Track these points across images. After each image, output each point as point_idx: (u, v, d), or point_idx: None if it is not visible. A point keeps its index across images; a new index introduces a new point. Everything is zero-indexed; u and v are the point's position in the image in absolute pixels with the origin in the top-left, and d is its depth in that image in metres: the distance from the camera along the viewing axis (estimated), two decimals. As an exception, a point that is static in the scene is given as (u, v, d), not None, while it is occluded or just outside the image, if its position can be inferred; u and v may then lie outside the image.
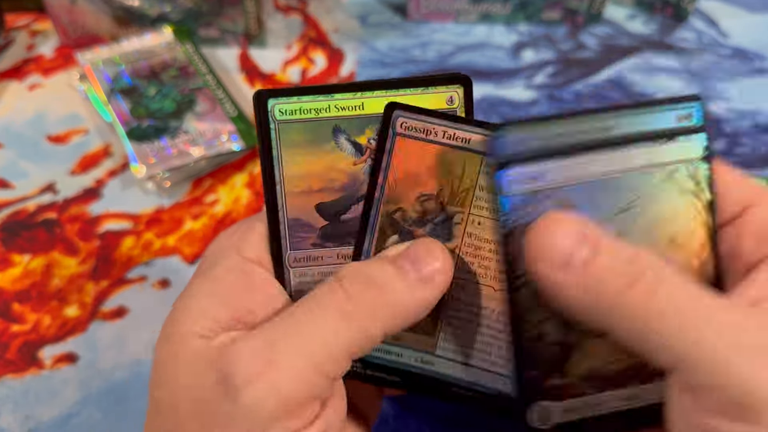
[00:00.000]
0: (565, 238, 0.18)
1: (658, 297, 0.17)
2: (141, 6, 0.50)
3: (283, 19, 0.55)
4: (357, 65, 0.51)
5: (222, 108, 0.45)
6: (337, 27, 0.54)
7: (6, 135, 0.46)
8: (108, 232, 0.41)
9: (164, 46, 0.49)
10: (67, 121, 0.47)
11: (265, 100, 0.23)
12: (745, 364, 0.16)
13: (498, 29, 0.54)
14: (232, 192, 0.43)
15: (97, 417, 0.33)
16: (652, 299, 0.17)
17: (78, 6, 0.49)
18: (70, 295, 0.38)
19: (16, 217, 0.41)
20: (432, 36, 0.53)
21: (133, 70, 0.47)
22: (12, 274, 0.39)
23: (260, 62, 0.51)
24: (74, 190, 0.43)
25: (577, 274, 0.18)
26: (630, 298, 0.17)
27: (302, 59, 0.52)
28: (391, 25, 0.54)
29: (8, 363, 0.35)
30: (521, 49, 0.52)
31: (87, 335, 0.36)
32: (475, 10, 0.54)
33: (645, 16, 0.55)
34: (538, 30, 0.54)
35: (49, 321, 0.37)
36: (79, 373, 0.35)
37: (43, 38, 0.53)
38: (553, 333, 0.21)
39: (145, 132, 0.44)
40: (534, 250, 0.18)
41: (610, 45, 0.52)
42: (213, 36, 0.52)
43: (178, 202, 0.42)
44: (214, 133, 0.44)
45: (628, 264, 0.18)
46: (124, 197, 0.42)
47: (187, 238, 0.40)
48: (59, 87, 0.49)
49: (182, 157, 0.42)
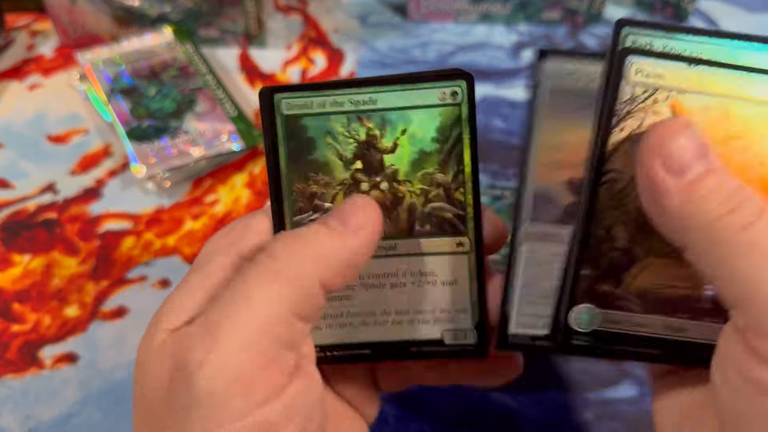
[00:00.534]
0: (688, 147, 0.18)
1: (752, 230, 0.17)
2: (141, 6, 0.50)
3: (283, 19, 0.55)
4: (357, 65, 0.51)
5: (222, 108, 0.45)
6: (337, 27, 0.54)
7: (6, 135, 0.46)
8: (108, 232, 0.41)
9: (164, 46, 0.49)
10: (67, 121, 0.47)
11: (271, 95, 0.23)
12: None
13: (498, 29, 0.54)
14: (232, 192, 0.43)
15: (97, 417, 0.33)
16: (746, 230, 0.17)
17: (78, 6, 0.49)
18: (70, 295, 0.38)
19: (16, 217, 0.41)
20: (432, 36, 0.53)
21: (133, 70, 0.48)
22: (12, 274, 0.39)
23: (260, 62, 0.51)
24: (74, 190, 0.43)
25: (687, 184, 0.18)
26: (725, 223, 0.17)
27: (302, 59, 0.52)
28: (391, 25, 0.54)
29: (8, 363, 0.35)
30: (521, 49, 0.52)
31: (87, 335, 0.36)
32: (475, 10, 0.54)
33: (645, 16, 0.55)
34: (538, 30, 0.54)
35: (49, 321, 0.37)
36: (79, 373, 0.35)
37: (43, 38, 0.53)
38: (622, 239, 0.21)
39: (145, 132, 0.44)
40: (654, 148, 0.18)
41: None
42: (213, 36, 0.52)
43: (178, 202, 0.42)
44: (214, 133, 0.44)
45: (733, 192, 0.18)
46: (124, 197, 0.42)
47: (187, 238, 0.40)
48: (59, 87, 0.49)
49: (182, 157, 0.42)
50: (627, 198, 0.20)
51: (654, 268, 0.21)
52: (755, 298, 0.17)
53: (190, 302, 0.20)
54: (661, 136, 0.18)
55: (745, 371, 0.17)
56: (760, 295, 0.17)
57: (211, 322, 0.19)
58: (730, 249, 0.17)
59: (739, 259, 0.17)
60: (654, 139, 0.18)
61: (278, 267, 0.19)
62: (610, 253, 0.21)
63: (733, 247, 0.17)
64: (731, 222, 0.17)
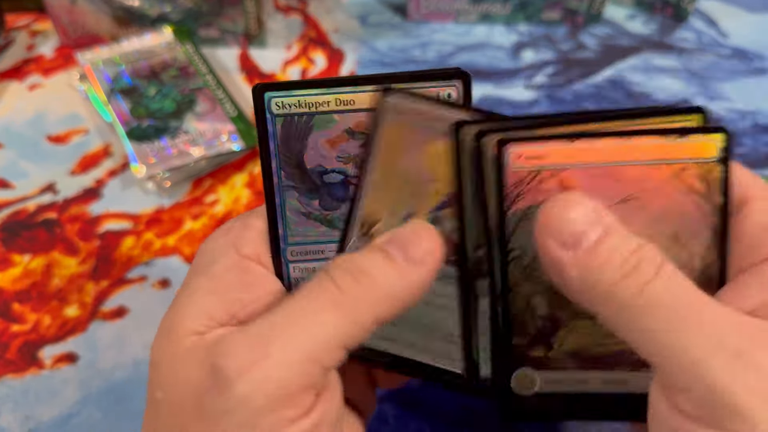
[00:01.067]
0: (578, 218, 0.18)
1: (651, 289, 0.17)
2: (141, 6, 0.50)
3: (283, 19, 0.55)
4: (357, 65, 0.51)
5: (222, 108, 0.45)
6: (337, 27, 0.54)
7: (6, 135, 0.46)
8: (108, 232, 0.41)
9: (164, 46, 0.49)
10: (67, 121, 0.47)
11: (261, 93, 0.23)
12: (723, 368, 0.16)
13: (498, 29, 0.54)
14: (232, 192, 0.43)
15: (97, 417, 0.33)
16: (645, 291, 0.17)
17: (78, 6, 0.49)
18: (70, 295, 0.38)
19: (16, 217, 0.41)
20: (432, 36, 0.53)
21: (133, 70, 0.48)
22: (12, 274, 0.39)
23: (260, 62, 0.51)
24: (74, 190, 0.43)
25: (582, 254, 0.18)
26: (625, 286, 0.17)
27: (302, 59, 0.52)
28: (391, 25, 0.54)
29: (8, 363, 0.35)
30: (521, 49, 0.52)
31: (87, 335, 0.36)
32: (475, 10, 0.54)
33: (645, 16, 0.55)
34: (538, 30, 0.54)
35: (49, 321, 0.37)
36: (79, 373, 0.35)
37: (43, 38, 0.53)
38: (543, 307, 0.21)
39: (145, 132, 0.44)
40: (545, 226, 0.19)
41: (610, 45, 0.52)
42: (213, 36, 0.52)
43: (178, 202, 0.42)
44: (214, 133, 0.44)
45: (631, 253, 0.18)
46: (124, 197, 0.42)
47: (187, 238, 0.40)
48: (59, 87, 0.49)
49: (182, 157, 0.42)
50: (536, 271, 0.21)
51: (581, 329, 0.21)
52: (666, 357, 0.17)
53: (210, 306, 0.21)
54: (550, 214, 0.19)
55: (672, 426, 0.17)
56: (669, 353, 0.17)
57: (262, 334, 0.19)
58: (633, 312, 0.17)
59: (643, 321, 0.17)
60: (544, 218, 0.19)
61: (341, 300, 0.19)
62: (535, 321, 0.21)
63: (634, 310, 0.17)
64: (628, 285, 0.17)
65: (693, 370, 0.16)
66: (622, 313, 0.18)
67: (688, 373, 0.16)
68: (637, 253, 0.18)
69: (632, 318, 0.17)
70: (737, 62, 0.51)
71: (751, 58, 0.51)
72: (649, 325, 0.17)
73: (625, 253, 0.18)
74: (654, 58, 0.51)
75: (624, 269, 0.18)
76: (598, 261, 0.18)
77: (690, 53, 0.52)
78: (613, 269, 0.18)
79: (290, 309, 0.19)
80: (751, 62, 0.51)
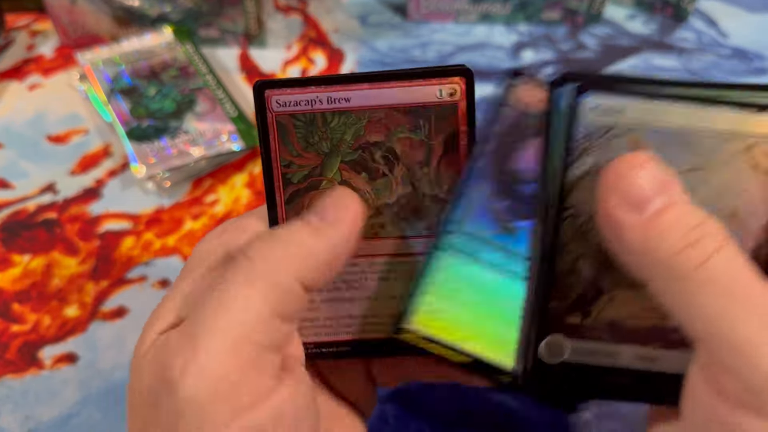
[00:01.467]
0: (647, 182, 0.18)
1: (711, 264, 0.17)
2: (141, 6, 0.50)
3: (283, 19, 0.55)
4: (357, 65, 0.51)
5: (222, 108, 0.45)
6: (337, 27, 0.54)
7: (6, 135, 0.46)
8: (108, 232, 0.41)
9: (164, 46, 0.49)
10: (67, 121, 0.47)
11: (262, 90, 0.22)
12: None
13: (498, 29, 0.54)
14: (232, 192, 0.43)
15: (97, 417, 0.33)
16: (704, 265, 0.17)
17: (78, 6, 0.49)
18: (70, 295, 0.38)
19: (16, 217, 0.41)
20: (432, 36, 0.53)
21: (133, 70, 0.48)
22: (12, 274, 0.39)
23: (260, 62, 0.51)
24: (74, 190, 0.43)
25: (646, 219, 0.18)
26: (686, 257, 0.17)
27: (302, 59, 0.52)
28: (391, 25, 0.54)
29: (8, 363, 0.35)
30: (521, 49, 0.52)
31: (87, 335, 0.36)
32: (475, 10, 0.54)
33: (645, 16, 0.55)
34: (538, 30, 0.54)
35: (49, 321, 0.37)
36: (79, 373, 0.35)
37: (43, 38, 0.53)
38: (587, 272, 0.20)
39: (145, 132, 0.44)
40: (612, 185, 0.18)
41: (610, 45, 0.52)
42: (213, 36, 0.52)
43: (178, 202, 0.42)
44: (214, 133, 0.44)
45: (694, 226, 0.17)
46: (124, 197, 0.42)
47: (187, 238, 0.40)
48: (59, 87, 0.49)
49: (182, 157, 0.42)
50: (589, 233, 0.20)
51: (621, 299, 0.20)
52: (715, 334, 0.17)
53: (177, 306, 0.20)
54: (619, 173, 0.18)
55: (711, 410, 0.17)
56: (719, 331, 0.16)
57: (190, 328, 0.18)
58: (688, 285, 0.17)
59: (698, 295, 0.17)
60: (612, 176, 0.18)
61: (255, 268, 0.19)
62: (576, 286, 0.21)
63: (691, 282, 0.17)
64: (689, 257, 0.17)
65: (744, 350, 0.16)
66: (677, 284, 0.17)
67: (737, 354, 0.16)
68: (701, 226, 0.17)
69: (686, 291, 0.17)
70: (737, 62, 0.51)
71: (751, 58, 0.51)
72: (703, 300, 0.17)
73: (690, 225, 0.17)
74: (654, 58, 0.51)
75: (687, 240, 0.17)
76: (660, 228, 0.17)
77: (690, 53, 0.52)
78: (676, 239, 0.17)
79: (213, 297, 0.19)
80: (751, 62, 0.51)
